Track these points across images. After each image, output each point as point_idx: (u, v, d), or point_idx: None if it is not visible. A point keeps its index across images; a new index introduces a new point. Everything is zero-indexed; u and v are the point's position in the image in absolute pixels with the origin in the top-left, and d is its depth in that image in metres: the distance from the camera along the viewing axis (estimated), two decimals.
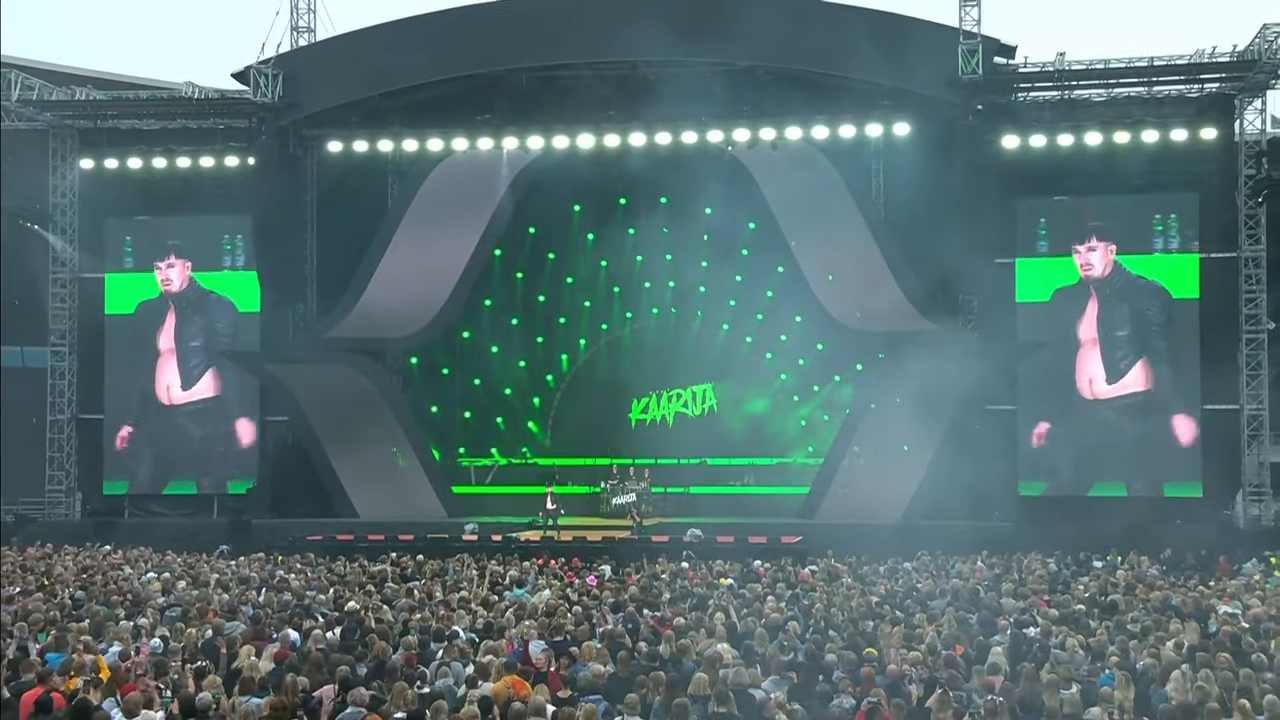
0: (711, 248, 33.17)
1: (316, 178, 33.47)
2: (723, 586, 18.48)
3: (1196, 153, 29.93)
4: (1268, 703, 10.04)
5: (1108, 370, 30.34)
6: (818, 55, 29.68)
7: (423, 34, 30.57)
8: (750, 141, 31.43)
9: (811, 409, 33.89)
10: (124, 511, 33.40)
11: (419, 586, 18.64)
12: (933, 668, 11.94)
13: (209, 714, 10.01)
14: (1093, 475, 30.45)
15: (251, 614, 15.45)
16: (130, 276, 34.07)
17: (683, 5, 29.93)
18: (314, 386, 32.34)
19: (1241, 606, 16.30)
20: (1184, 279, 30.21)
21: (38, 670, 10.95)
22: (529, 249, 34.34)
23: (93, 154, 33.76)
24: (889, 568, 21.23)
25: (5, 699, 10.11)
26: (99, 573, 21.03)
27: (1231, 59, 28.86)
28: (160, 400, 33.74)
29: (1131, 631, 13.87)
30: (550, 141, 31.83)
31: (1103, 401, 30.37)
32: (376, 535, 28.21)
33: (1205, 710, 10.01)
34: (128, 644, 12.89)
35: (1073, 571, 21.53)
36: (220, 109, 32.93)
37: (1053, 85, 30.12)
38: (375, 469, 32.68)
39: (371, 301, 32.48)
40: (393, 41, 30.85)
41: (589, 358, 35.08)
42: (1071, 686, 10.99)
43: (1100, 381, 30.40)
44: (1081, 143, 30.03)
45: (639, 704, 10.35)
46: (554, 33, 28.90)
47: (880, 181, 32.25)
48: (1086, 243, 30.47)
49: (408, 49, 30.20)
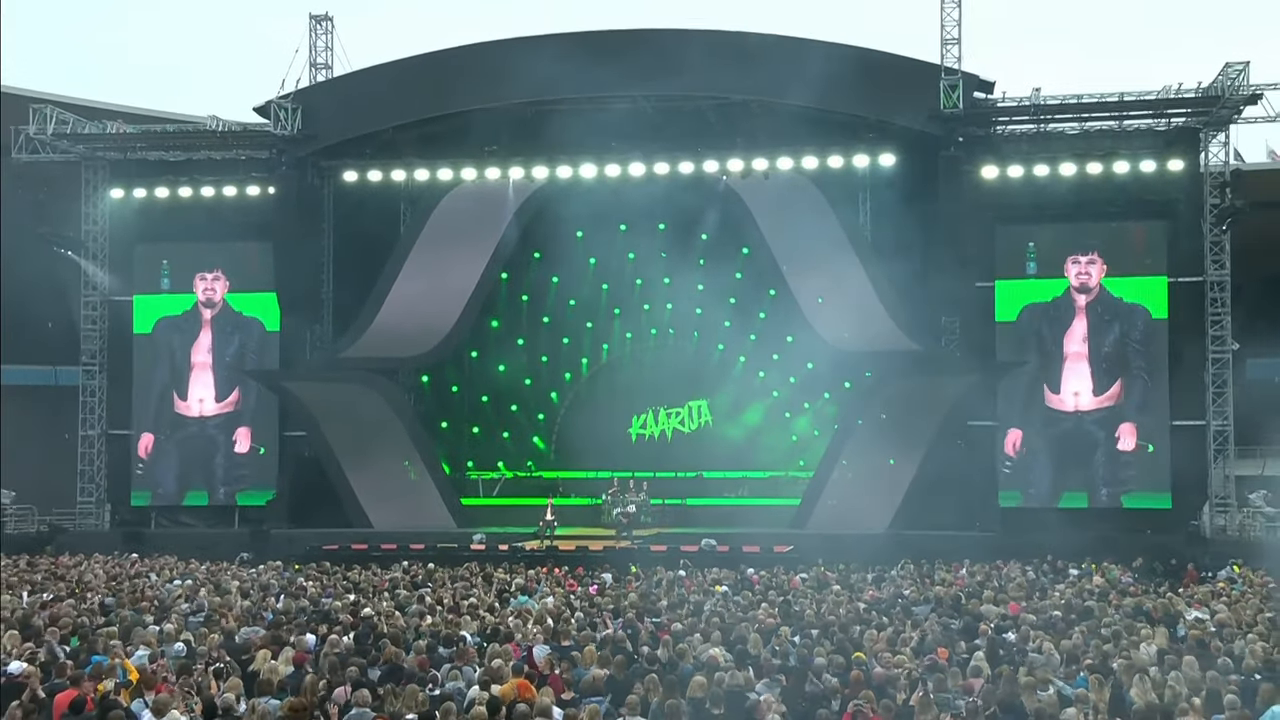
0: (707, 272, 33.17)
1: (333, 206, 33.61)
2: (718, 593, 18.47)
3: (1164, 183, 30.04)
4: (1228, 702, 10.04)
5: (1095, 383, 30.40)
6: (808, 90, 29.70)
7: (433, 71, 30.71)
8: (744, 171, 31.50)
9: (802, 424, 33.86)
10: (151, 522, 33.39)
11: (429, 593, 18.64)
12: (917, 671, 11.94)
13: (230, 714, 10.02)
14: (1063, 486, 30.48)
15: (270, 619, 15.44)
16: (157, 298, 34.15)
17: (678, 44, 30.03)
18: (330, 403, 32.36)
19: (1209, 612, 16.32)
20: (1154, 301, 30.30)
21: (70, 673, 10.98)
22: (534, 273, 34.37)
23: (122, 184, 33.84)
24: (876, 575, 21.19)
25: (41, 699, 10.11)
26: (127, 580, 21.06)
27: (1197, 95, 28.95)
28: (188, 413, 33.77)
29: (1105, 636, 13.85)
30: (554, 171, 31.90)
31: (1085, 413, 30.41)
32: (389, 545, 28.15)
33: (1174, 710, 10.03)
34: (154, 648, 12.88)
35: (1050, 579, 21.49)
36: (242, 141, 33.02)
37: (1029, 119, 30.21)
38: (388, 481, 32.62)
39: (385, 323, 32.49)
40: (405, 78, 30.99)
41: (591, 376, 35.06)
42: (1049, 688, 10.98)
43: (1087, 394, 30.44)
44: (1057, 173, 30.12)
45: (638, 705, 10.35)
46: (557, 70, 28.93)
47: (867, 209, 32.26)
48: (1087, 256, 30.51)
49: (419, 85, 30.33)
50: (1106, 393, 30.37)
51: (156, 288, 34.13)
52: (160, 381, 33.99)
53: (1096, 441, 30.31)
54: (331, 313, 33.82)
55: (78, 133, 32.83)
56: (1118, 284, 30.47)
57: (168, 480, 33.89)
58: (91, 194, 34.19)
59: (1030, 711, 10.16)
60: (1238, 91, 28.40)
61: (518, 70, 29.31)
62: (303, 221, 32.42)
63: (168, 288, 34.10)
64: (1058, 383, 30.55)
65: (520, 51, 30.18)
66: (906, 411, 29.52)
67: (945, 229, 29.63)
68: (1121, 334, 30.35)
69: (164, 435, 33.90)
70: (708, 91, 30.49)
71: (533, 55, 29.62)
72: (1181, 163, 29.99)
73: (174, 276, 34.11)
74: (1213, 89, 28.66)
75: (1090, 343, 30.49)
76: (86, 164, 34.02)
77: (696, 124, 31.39)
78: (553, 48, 29.77)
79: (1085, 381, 30.47)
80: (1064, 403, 30.54)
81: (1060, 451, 30.45)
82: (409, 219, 33.64)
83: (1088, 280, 30.50)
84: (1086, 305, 30.57)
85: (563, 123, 30.49)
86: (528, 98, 30.17)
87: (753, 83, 29.96)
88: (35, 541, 30.91)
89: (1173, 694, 10.64)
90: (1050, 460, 30.53)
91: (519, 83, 29.45)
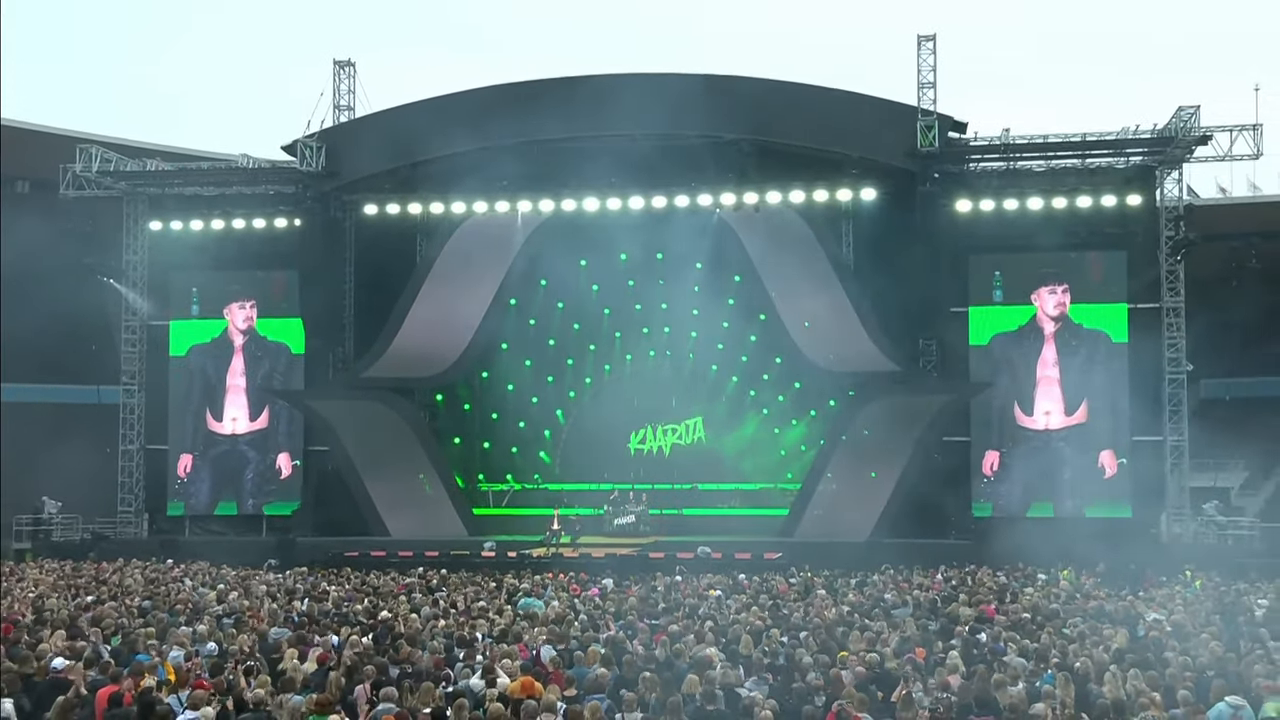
0: (701, 298, 33.20)
1: (355, 237, 33.65)
2: (712, 597, 18.41)
3: (1124, 217, 30.16)
4: (1182, 697, 10.05)
5: (1064, 404, 30.43)
6: (795, 130, 29.91)
7: (448, 111, 30.82)
8: (736, 205, 31.60)
9: (790, 440, 33.83)
10: (185, 530, 33.35)
11: (443, 597, 18.60)
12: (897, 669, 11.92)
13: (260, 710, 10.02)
14: (1032, 497, 30.49)
15: (296, 621, 15.41)
16: (190, 323, 34.20)
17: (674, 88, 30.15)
18: (351, 420, 32.37)
19: (1166, 614, 16.32)
20: (1115, 326, 30.36)
21: (111, 670, 10.98)
22: (541, 299, 34.37)
23: (160, 217, 33.92)
24: (858, 580, 21.13)
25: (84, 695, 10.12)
26: (163, 584, 21.04)
27: (1152, 136, 29.13)
28: (221, 431, 33.78)
29: (1070, 636, 13.82)
30: (560, 204, 32.00)
31: (1054, 432, 30.43)
32: (406, 552, 28.11)
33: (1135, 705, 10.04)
34: (188, 647, 12.87)
35: (1020, 583, 21.48)
36: (271, 177, 33.15)
37: (999, 157, 30.33)
38: (405, 493, 32.61)
39: (402, 345, 32.52)
40: (422, 118, 31.02)
41: (593, 394, 35.01)
42: (1018, 685, 10.98)
43: (1057, 415, 30.48)
44: (1025, 207, 30.26)
45: (637, 702, 10.34)
46: (563, 110, 29.08)
47: (850, 239, 32.34)
48: (1062, 286, 30.56)
49: (435, 125, 30.33)
50: (1074, 413, 30.41)
51: (188, 313, 34.19)
52: (195, 401, 34.01)
53: (1065, 458, 30.34)
54: (353, 336, 33.83)
55: (120, 170, 32.93)
56: (1082, 310, 30.57)
57: (201, 492, 33.89)
58: (132, 226, 34.24)
59: (1003, 706, 10.15)
60: (1189, 133, 28.57)
61: (525, 111, 29.43)
62: (326, 252, 32.55)
63: (197, 313, 34.15)
64: (1029, 404, 30.61)
65: (526, 95, 30.35)
66: (887, 428, 29.55)
67: (922, 258, 29.75)
68: (1087, 358, 30.41)
69: (198, 452, 33.91)
70: (702, 131, 30.59)
71: (538, 98, 29.79)
72: (1139, 198, 30.12)
73: (204, 303, 34.14)
74: (1167, 130, 28.84)
75: (1059, 367, 30.53)
76: (128, 199, 34.08)
77: (691, 161, 31.44)
78: (557, 91, 29.96)
79: (1055, 403, 30.54)
80: (1035, 422, 30.57)
81: (1031, 467, 30.46)
82: (424, 249, 33.69)
83: (1062, 309, 30.56)
84: (1055, 332, 30.62)
85: (567, 159, 30.62)
86: (534, 137, 30.26)
87: (744, 123, 30.15)
88: (79, 548, 31.01)
89: (1134, 690, 10.65)
90: (1022, 475, 30.55)
91: (526, 123, 29.56)
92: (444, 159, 31.13)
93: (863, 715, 9.90)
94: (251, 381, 33.75)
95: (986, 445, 30.71)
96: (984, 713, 10.23)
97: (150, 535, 33.09)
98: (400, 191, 32.38)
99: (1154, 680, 10.92)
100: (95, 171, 32.53)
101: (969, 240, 30.54)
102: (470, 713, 9.85)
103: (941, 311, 30.34)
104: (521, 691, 10.50)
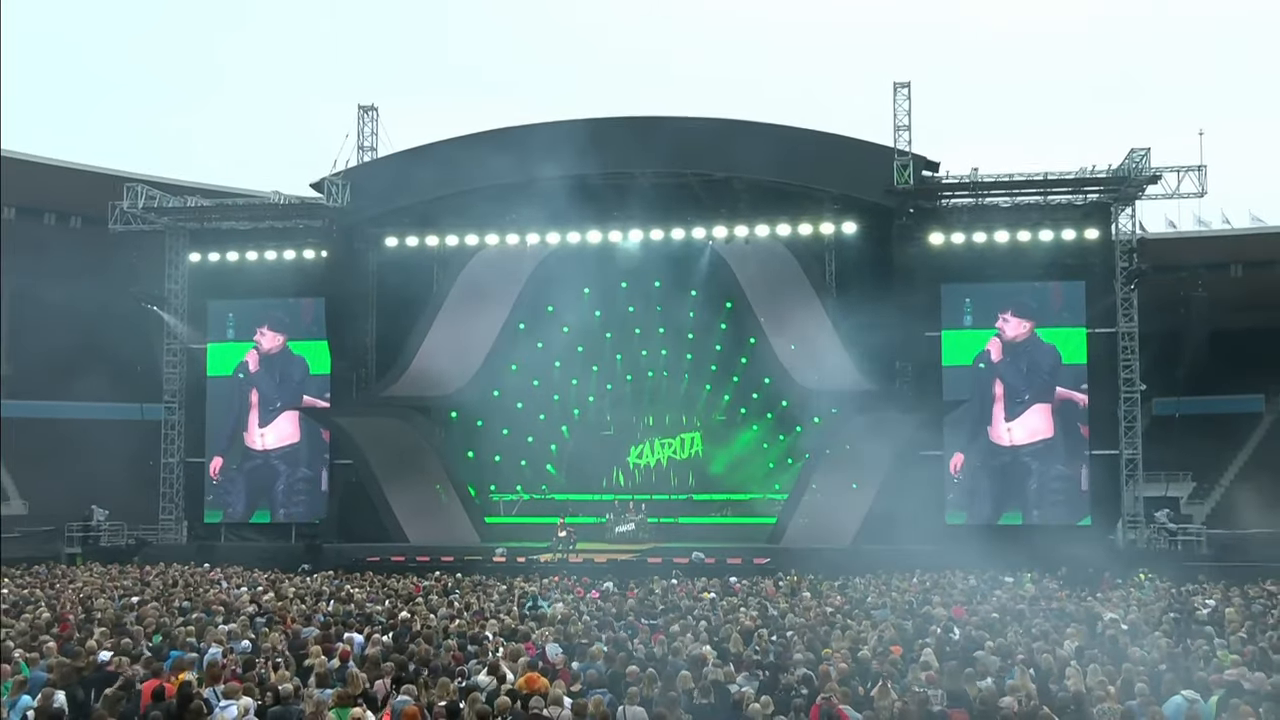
0: (696, 323, 33.34)
1: (376, 267, 33.74)
2: (706, 599, 18.38)
3: (1082, 249, 30.24)
4: (1138, 690, 10.05)
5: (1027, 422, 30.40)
6: (782, 169, 29.99)
7: (461, 152, 30.85)
8: (727, 237, 31.74)
9: (778, 453, 33.84)
10: (220, 536, 33.28)
11: (457, 598, 18.57)
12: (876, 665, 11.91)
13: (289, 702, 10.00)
14: (1002, 507, 30.47)
15: (322, 620, 15.38)
16: (226, 346, 34.22)
17: (671, 130, 30.31)
18: (373, 435, 32.37)
19: (1122, 613, 16.31)
20: (1075, 349, 30.40)
21: (153, 665, 10.98)
22: (548, 323, 34.33)
23: (199, 249, 34.00)
24: (841, 583, 21.13)
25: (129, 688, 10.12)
26: (201, 586, 20.99)
27: (1108, 175, 29.24)
28: (255, 446, 33.77)
29: (1034, 634, 13.80)
30: (565, 237, 32.14)
31: (1020, 447, 30.42)
32: (423, 557, 28.12)
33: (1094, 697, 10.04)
34: (224, 644, 12.85)
35: (988, 586, 21.45)
36: (300, 212, 33.20)
37: (969, 194, 30.42)
38: (422, 502, 32.58)
39: (420, 366, 32.57)
40: (438, 158, 31.11)
41: (596, 412, 35.03)
42: (987, 679, 10.97)
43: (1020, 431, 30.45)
44: (992, 240, 30.34)
45: (636, 697, 10.33)
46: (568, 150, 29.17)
47: (832, 269, 32.46)
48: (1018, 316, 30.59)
49: (450, 164, 30.43)
50: (1037, 429, 30.40)
51: (223, 336, 34.22)
52: (230, 418, 33.99)
53: (1029, 471, 30.33)
54: (374, 358, 33.85)
55: (163, 206, 33.05)
56: (1045, 334, 30.59)
57: (237, 502, 33.86)
58: (173, 258, 34.31)
59: (972, 699, 10.16)
60: (1141, 173, 28.72)
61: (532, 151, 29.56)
62: (350, 281, 32.65)
63: (233, 337, 34.18)
64: (997, 421, 30.59)
65: (534, 136, 30.46)
66: (867, 443, 29.50)
67: (898, 286, 29.84)
68: (1048, 378, 30.41)
69: (234, 464, 33.87)
70: (696, 169, 30.74)
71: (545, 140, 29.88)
72: (1096, 232, 30.22)
73: (239, 327, 34.18)
74: (1121, 170, 28.95)
75: (1022, 387, 30.54)
76: (169, 233, 34.16)
77: (687, 197, 31.61)
78: (563, 133, 30.06)
79: (1020, 421, 30.50)
80: (1002, 438, 30.58)
81: (999, 479, 30.47)
82: (440, 278, 33.78)
83: (1018, 335, 30.59)
84: (1016, 355, 30.60)
85: (572, 195, 30.74)
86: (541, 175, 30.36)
87: (735, 162, 30.23)
88: (124, 553, 31.03)
89: (1093, 683, 10.65)
90: (991, 486, 30.54)
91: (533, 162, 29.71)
92: (458, 195, 31.24)
93: (845, 708, 9.89)
94: (280, 399, 33.71)
95: (956, 448, 30.70)
96: (955, 705, 10.23)
97: (189, 541, 33.01)
98: (418, 225, 32.48)
99: (1111, 674, 10.93)
100: (140, 208, 32.64)
101: (941, 270, 30.59)
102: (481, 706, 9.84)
103: (916, 335, 30.38)
104: (526, 687, 10.49)
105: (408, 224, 32.53)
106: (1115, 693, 10.21)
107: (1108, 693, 10.20)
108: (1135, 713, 9.36)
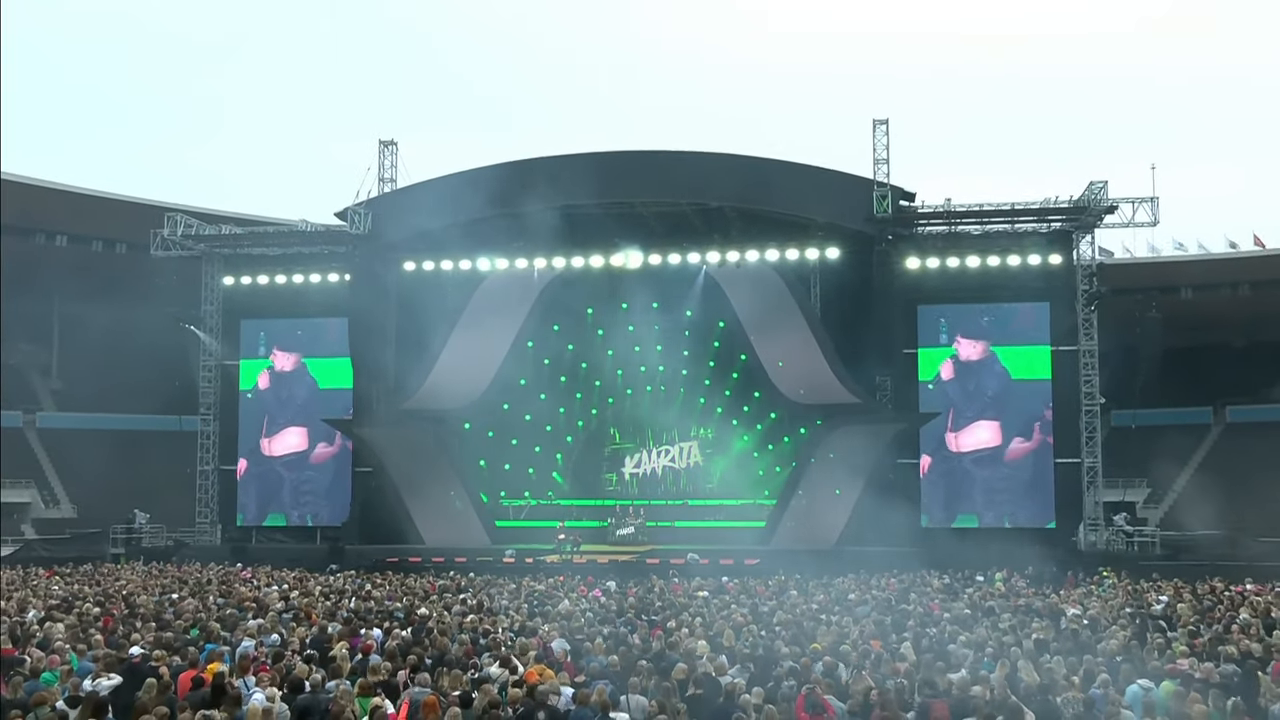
0: (691, 341, 33.37)
1: (396, 289, 33.67)
2: (700, 597, 18.35)
3: (1047, 273, 30.29)
4: (1100, 680, 10.06)
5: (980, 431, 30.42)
6: (771, 199, 30.06)
7: (474, 184, 30.87)
8: (720, 262, 31.78)
9: (767, 462, 33.84)
10: (251, 538, 33.22)
11: (470, 596, 18.54)
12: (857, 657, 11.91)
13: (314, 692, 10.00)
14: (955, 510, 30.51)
15: (345, 617, 15.36)
16: (256, 362, 34.27)
17: (668, 163, 30.42)
18: (392, 445, 32.32)
19: (1084, 609, 16.31)
20: (1039, 365, 30.44)
21: (190, 656, 10.98)
22: (553, 341, 34.45)
23: (233, 273, 34.07)
24: (825, 582, 21.08)
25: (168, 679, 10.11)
26: (234, 584, 20.98)
27: (1069, 205, 29.35)
28: (280, 454, 33.75)
29: (1003, 629, 13.79)
30: (570, 261, 32.21)
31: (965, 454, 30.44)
32: (439, 558, 28.04)
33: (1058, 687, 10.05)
34: (255, 638, 12.86)
35: (961, 584, 21.45)
36: (326, 239, 33.25)
37: (943, 222, 30.48)
38: (437, 507, 32.51)
39: (436, 381, 32.53)
40: (453, 189, 31.06)
41: (598, 423, 35.05)
42: (960, 670, 10.97)
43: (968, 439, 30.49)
44: (964, 264, 30.39)
45: (637, 687, 10.32)
46: (572, 181, 29.25)
47: (817, 292, 32.50)
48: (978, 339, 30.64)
49: (464, 194, 30.44)
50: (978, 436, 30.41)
51: (255, 354, 34.28)
52: (259, 429, 33.99)
53: (974, 478, 30.40)
54: (394, 373, 33.85)
55: (200, 234, 33.17)
56: (1008, 352, 30.62)
57: (265, 506, 33.83)
58: (209, 281, 34.38)
59: (945, 688, 10.16)
60: (1099, 204, 28.85)
61: (540, 183, 29.64)
62: (372, 302, 32.61)
63: (263, 354, 34.25)
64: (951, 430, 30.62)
65: (542, 169, 30.55)
66: (849, 451, 29.53)
67: (878, 307, 29.91)
68: (1000, 392, 30.40)
69: (260, 469, 33.85)
70: (692, 199, 30.82)
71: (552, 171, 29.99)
72: (1059, 257, 30.30)
73: (269, 345, 34.26)
74: (1081, 201, 29.07)
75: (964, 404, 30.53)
76: (206, 258, 34.26)
77: (683, 224, 31.67)
78: (569, 165, 30.16)
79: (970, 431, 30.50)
80: (954, 445, 30.60)
81: (950, 483, 30.54)
82: (455, 300, 33.81)
83: (972, 356, 30.60)
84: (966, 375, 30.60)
85: (576, 223, 30.83)
86: (548, 204, 30.45)
87: (728, 192, 30.32)
88: (163, 553, 31.04)
89: (1059, 673, 10.65)
90: (944, 490, 30.61)
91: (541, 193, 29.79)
92: (471, 223, 31.19)
93: (828, 697, 9.90)
94: (307, 412, 33.69)
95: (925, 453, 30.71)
96: (930, 693, 10.22)
97: (222, 542, 32.99)
98: (435, 251, 32.46)
99: (1074, 665, 10.94)
100: (180, 235, 32.77)
101: (917, 292, 30.65)
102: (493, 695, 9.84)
103: (895, 352, 30.42)
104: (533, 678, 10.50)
105: (425, 249, 32.53)
106: (1077, 682, 10.22)
107: (1071, 683, 10.20)
108: (1096, 700, 9.37)
